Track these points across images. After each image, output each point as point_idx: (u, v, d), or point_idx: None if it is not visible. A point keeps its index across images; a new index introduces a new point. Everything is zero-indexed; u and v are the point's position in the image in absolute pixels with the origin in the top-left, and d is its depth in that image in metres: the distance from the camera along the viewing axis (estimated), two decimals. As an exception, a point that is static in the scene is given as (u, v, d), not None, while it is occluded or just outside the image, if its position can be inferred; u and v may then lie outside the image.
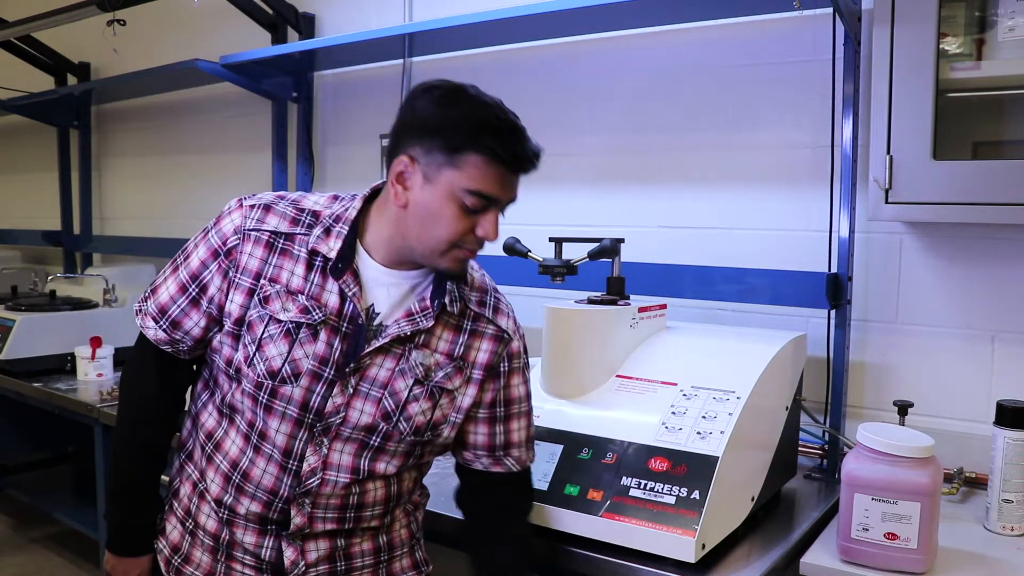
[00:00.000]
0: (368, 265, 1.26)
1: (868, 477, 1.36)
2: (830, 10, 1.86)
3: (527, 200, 2.53)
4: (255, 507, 1.28)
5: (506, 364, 1.36)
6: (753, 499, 1.54)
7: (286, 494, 1.27)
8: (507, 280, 2.36)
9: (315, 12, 2.98)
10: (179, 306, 1.29)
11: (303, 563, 1.30)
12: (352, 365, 1.24)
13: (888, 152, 1.63)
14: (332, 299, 1.24)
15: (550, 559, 1.47)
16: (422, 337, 1.28)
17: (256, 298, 1.24)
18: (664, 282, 2.07)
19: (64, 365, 2.98)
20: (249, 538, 1.30)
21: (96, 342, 2.83)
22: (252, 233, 1.26)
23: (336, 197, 1.31)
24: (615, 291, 1.75)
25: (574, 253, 1.73)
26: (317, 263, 1.24)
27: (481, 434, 1.37)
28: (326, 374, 1.23)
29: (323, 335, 1.23)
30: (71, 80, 3.86)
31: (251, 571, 1.31)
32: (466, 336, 1.32)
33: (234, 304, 1.25)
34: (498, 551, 1.39)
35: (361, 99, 2.86)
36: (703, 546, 1.36)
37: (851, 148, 1.87)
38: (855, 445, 1.43)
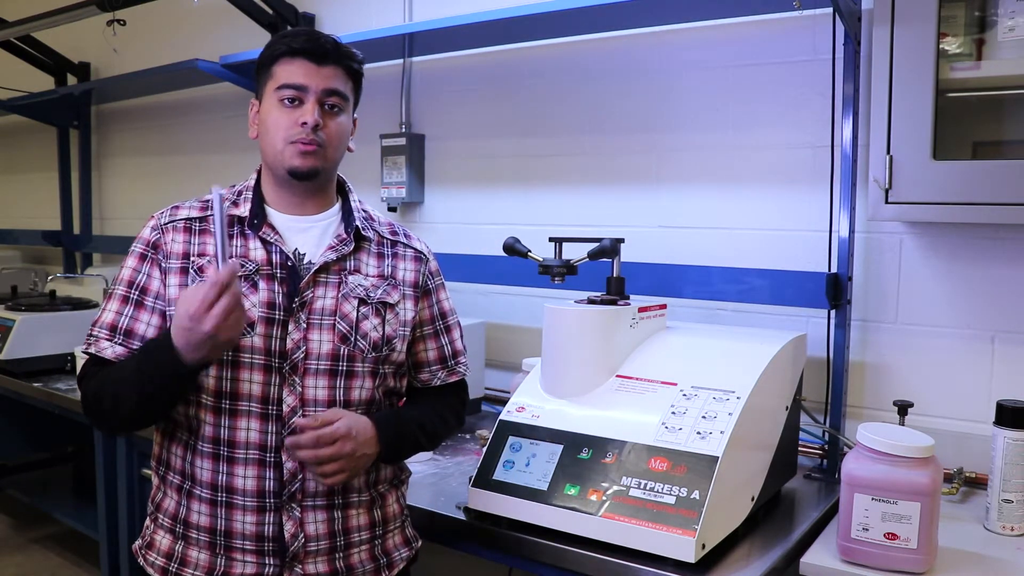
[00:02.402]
0: (278, 218, 1.40)
1: (868, 477, 1.36)
2: (830, 10, 1.87)
3: (527, 200, 2.55)
4: (251, 472, 1.32)
5: (432, 281, 1.53)
6: (753, 499, 1.54)
7: (274, 443, 1.32)
8: (507, 280, 2.38)
9: (315, 12, 2.99)
10: (126, 315, 1.35)
11: (303, 536, 1.34)
12: (297, 300, 1.35)
13: (888, 152, 1.63)
14: (259, 253, 1.37)
15: (550, 559, 1.47)
16: (351, 263, 1.42)
17: (191, 273, 1.35)
18: (664, 282, 2.07)
19: (64, 365, 2.98)
20: (249, 519, 1.32)
21: (96, 342, 2.83)
22: (168, 225, 1.39)
23: (233, 187, 1.45)
24: (615, 291, 1.75)
25: (574, 253, 1.73)
26: (235, 231, 1.38)
27: (432, 349, 1.53)
28: (277, 316, 1.34)
29: (262, 284, 1.34)
30: (71, 80, 3.86)
31: (252, 556, 1.33)
32: (390, 259, 1.47)
33: (171, 288, 1.34)
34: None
35: (361, 99, 2.86)
36: (703, 546, 1.36)
37: (851, 148, 1.87)
38: (855, 445, 1.43)
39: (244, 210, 1.39)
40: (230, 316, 1.17)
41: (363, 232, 1.44)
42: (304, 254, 1.39)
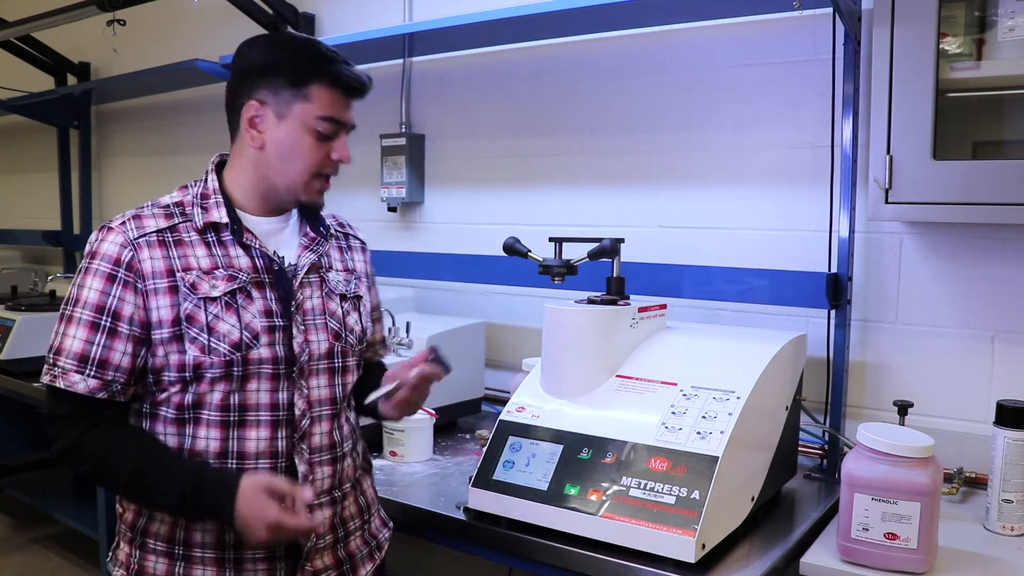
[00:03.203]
0: (251, 221, 1.35)
1: (868, 477, 1.36)
2: (830, 10, 1.87)
3: (527, 200, 2.55)
4: None
5: (371, 268, 1.56)
6: (753, 499, 1.54)
7: (285, 448, 1.32)
8: (507, 280, 2.38)
9: (315, 12, 2.99)
10: (98, 344, 1.24)
11: (313, 535, 1.34)
12: (294, 304, 1.34)
13: (888, 152, 1.63)
14: (243, 261, 1.31)
15: (550, 559, 1.47)
16: (325, 260, 1.43)
17: (183, 291, 1.26)
18: (664, 282, 2.07)
19: (64, 365, 2.97)
20: None
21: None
22: (141, 240, 1.27)
23: (183, 187, 1.38)
24: (615, 291, 1.75)
25: (574, 253, 1.73)
26: (211, 238, 1.31)
27: (379, 331, 1.61)
28: (276, 323, 1.32)
29: (255, 293, 1.31)
30: (71, 80, 3.86)
31: (263, 564, 1.32)
32: (346, 252, 1.50)
33: (163, 309, 1.25)
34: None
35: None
36: (703, 546, 1.36)
37: (851, 148, 1.87)
38: (855, 445, 1.43)
39: (220, 215, 1.32)
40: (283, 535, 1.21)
41: (332, 230, 1.46)
42: (283, 256, 1.37)
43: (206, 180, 1.37)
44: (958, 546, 1.47)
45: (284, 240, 1.39)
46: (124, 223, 1.29)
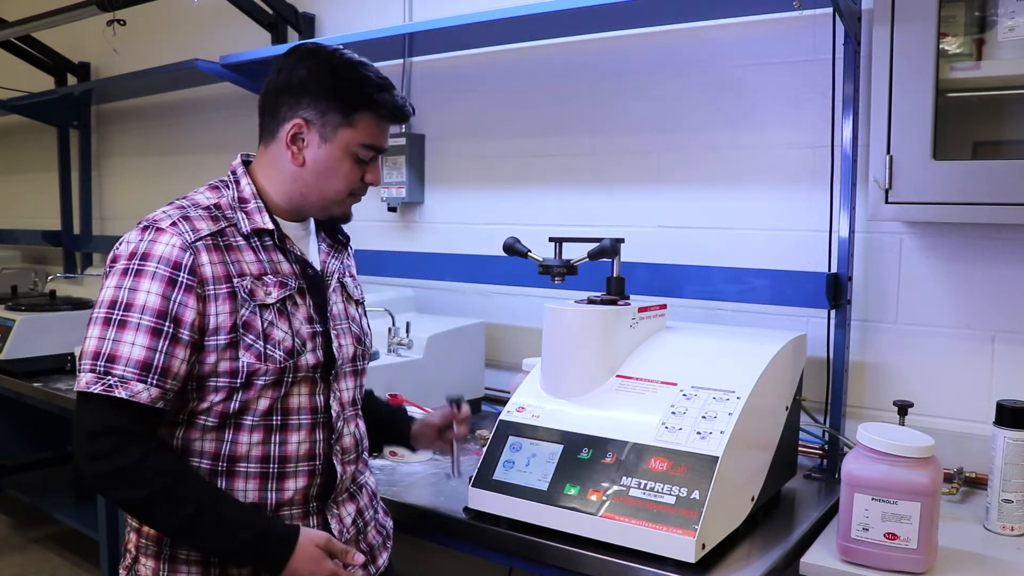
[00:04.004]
0: (285, 227, 1.38)
1: (868, 477, 1.36)
2: (830, 10, 1.87)
3: (527, 200, 2.55)
4: (300, 483, 1.32)
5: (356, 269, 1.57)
6: (753, 499, 1.54)
7: (323, 450, 1.35)
8: (507, 280, 2.38)
9: (315, 12, 2.99)
10: (162, 351, 1.19)
11: (344, 530, 1.40)
12: (329, 310, 1.38)
13: (888, 152, 1.63)
14: (286, 266, 1.34)
15: (550, 559, 1.47)
16: (340, 267, 1.47)
17: (240, 297, 1.25)
18: (664, 282, 2.07)
19: (64, 365, 2.98)
20: (296, 523, 1.31)
21: (96, 342, 2.83)
22: (199, 244, 1.24)
23: (214, 186, 1.37)
24: (615, 291, 1.75)
25: (574, 253, 1.73)
26: (255, 243, 1.31)
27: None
28: (317, 328, 1.35)
29: (299, 299, 1.34)
30: (71, 80, 3.86)
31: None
32: (346, 257, 1.51)
33: (221, 315, 1.23)
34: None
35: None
36: (703, 546, 1.36)
37: (851, 148, 1.87)
38: (855, 445, 1.43)
39: (264, 221, 1.31)
40: None
41: (340, 238, 1.50)
42: (311, 261, 1.40)
43: (239, 183, 1.35)
44: (958, 546, 1.47)
45: (308, 246, 1.42)
46: (175, 224, 1.24)
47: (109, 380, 1.17)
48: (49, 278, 3.47)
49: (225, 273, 1.25)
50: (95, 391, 1.17)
